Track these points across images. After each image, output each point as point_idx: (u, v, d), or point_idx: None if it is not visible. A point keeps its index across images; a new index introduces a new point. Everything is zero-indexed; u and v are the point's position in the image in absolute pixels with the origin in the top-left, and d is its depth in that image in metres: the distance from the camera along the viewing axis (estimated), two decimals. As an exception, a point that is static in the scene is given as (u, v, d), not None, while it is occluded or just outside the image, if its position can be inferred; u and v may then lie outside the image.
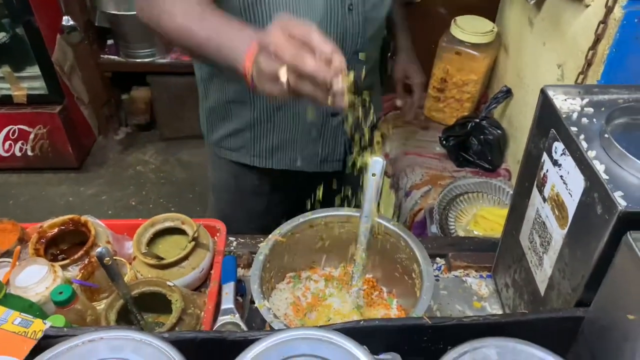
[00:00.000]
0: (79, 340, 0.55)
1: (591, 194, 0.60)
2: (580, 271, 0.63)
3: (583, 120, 0.67)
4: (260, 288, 0.77)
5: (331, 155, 1.16)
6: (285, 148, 1.14)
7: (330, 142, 1.14)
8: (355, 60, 1.03)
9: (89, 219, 0.93)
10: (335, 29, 0.97)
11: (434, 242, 1.07)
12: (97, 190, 2.85)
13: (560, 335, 0.62)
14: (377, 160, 0.81)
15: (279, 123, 1.10)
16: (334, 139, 1.14)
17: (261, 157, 1.17)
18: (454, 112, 1.65)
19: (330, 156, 1.17)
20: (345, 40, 1.00)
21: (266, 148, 1.15)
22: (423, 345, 0.62)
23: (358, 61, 1.04)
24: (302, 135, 1.11)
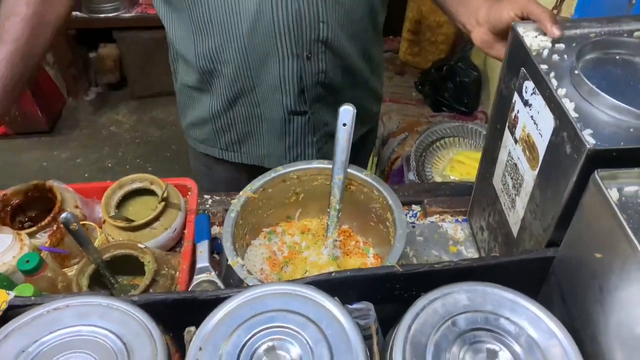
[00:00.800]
0: (43, 309, 0.54)
1: (561, 134, 0.59)
2: (550, 212, 0.63)
3: (554, 57, 0.65)
4: (233, 245, 0.76)
5: (301, 156, 1.10)
6: (250, 143, 1.09)
7: (299, 142, 1.08)
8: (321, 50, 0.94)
9: (54, 184, 0.90)
10: (285, 10, 0.87)
11: (410, 189, 1.06)
12: (71, 153, 2.79)
13: (531, 277, 0.63)
14: (347, 109, 0.78)
15: (239, 115, 1.04)
16: (302, 139, 1.07)
17: (229, 151, 1.12)
18: (429, 56, 1.63)
19: (300, 157, 1.10)
20: (300, 24, 0.89)
21: (231, 141, 1.10)
22: (396, 292, 0.62)
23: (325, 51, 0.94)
24: (267, 131, 1.05)
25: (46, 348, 0.51)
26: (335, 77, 1.00)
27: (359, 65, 1.05)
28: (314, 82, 0.98)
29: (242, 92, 0.99)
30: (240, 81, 0.97)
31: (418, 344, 0.50)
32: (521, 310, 0.53)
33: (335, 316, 0.53)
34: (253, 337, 0.51)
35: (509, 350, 0.50)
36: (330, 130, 1.08)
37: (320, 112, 1.04)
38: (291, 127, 1.04)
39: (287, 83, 0.96)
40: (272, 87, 0.97)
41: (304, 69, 0.94)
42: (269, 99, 0.99)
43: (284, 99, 0.98)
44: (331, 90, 1.02)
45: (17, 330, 0.52)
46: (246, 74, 0.95)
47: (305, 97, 0.99)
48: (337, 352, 0.50)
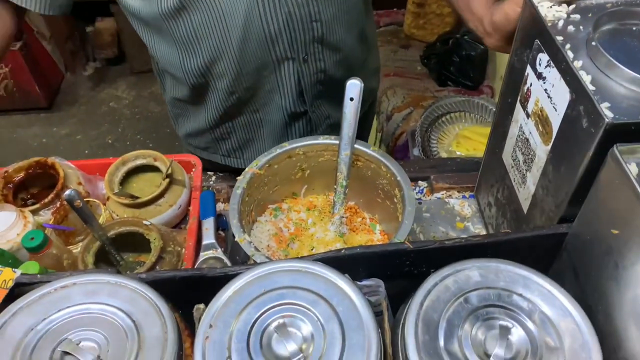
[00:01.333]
0: (51, 287, 0.53)
1: (577, 107, 0.58)
2: (564, 188, 0.62)
3: (569, 28, 0.63)
4: (239, 222, 0.75)
5: None
6: (252, 147, 1.05)
7: None
8: (318, 50, 0.90)
9: (56, 161, 0.89)
10: (275, 15, 0.82)
11: (416, 165, 1.05)
12: (71, 129, 2.77)
13: (542, 253, 0.62)
14: (354, 83, 0.76)
15: (238, 123, 1.00)
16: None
17: (231, 157, 1.08)
18: (435, 29, 1.59)
19: None
20: (292, 27, 0.85)
21: (232, 148, 1.06)
22: (405, 269, 0.62)
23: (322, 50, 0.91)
24: (267, 136, 1.02)
25: (55, 326, 0.50)
26: (335, 72, 0.96)
27: (356, 51, 1.00)
28: (312, 82, 0.94)
29: (239, 102, 0.95)
30: (237, 93, 0.93)
31: (430, 321, 0.50)
32: (534, 287, 0.52)
33: (346, 293, 0.52)
34: (263, 315, 0.51)
35: (521, 327, 0.49)
36: (332, 122, 1.05)
37: (321, 108, 1.01)
38: (292, 129, 1.01)
39: (285, 87, 0.92)
40: (270, 91, 0.93)
41: (301, 72, 0.91)
42: (268, 104, 0.96)
43: (282, 102, 0.95)
44: (331, 86, 0.98)
45: (25, 308, 0.51)
46: (242, 85, 0.91)
47: (304, 98, 0.96)
48: (349, 329, 0.49)
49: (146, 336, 0.49)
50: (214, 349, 0.48)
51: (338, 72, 0.96)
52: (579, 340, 0.48)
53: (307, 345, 0.49)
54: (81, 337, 0.50)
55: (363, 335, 0.49)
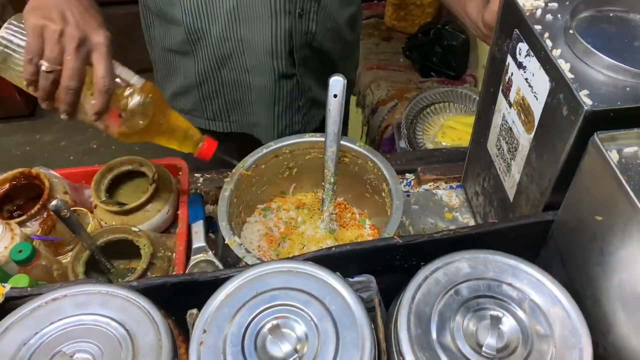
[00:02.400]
0: (42, 300, 0.53)
1: (556, 95, 0.58)
2: (547, 175, 0.63)
3: (547, 17, 0.64)
4: (229, 224, 0.75)
5: (289, 126, 1.07)
6: (239, 110, 1.05)
7: (287, 109, 1.04)
8: (314, 9, 0.93)
9: (41, 171, 0.88)
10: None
11: (403, 157, 1.06)
12: (54, 136, 2.74)
13: (530, 241, 0.63)
14: (337, 79, 0.76)
15: (227, 81, 1.00)
16: (290, 104, 1.04)
17: (217, 120, 1.07)
18: (416, 20, 1.59)
19: (289, 127, 1.07)
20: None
21: (219, 109, 1.05)
22: (396, 264, 0.62)
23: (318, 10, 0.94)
24: (256, 100, 1.02)
25: (48, 339, 0.50)
26: (324, 40, 0.98)
27: (346, 33, 1.03)
28: (302, 42, 0.95)
29: (231, 54, 0.95)
30: (229, 41, 0.93)
31: (422, 315, 0.50)
32: (523, 276, 0.53)
33: (338, 291, 0.53)
34: (257, 317, 0.51)
35: (512, 316, 0.50)
36: (313, 96, 1.07)
37: (305, 76, 1.02)
38: (281, 93, 1.01)
39: (278, 42, 0.93)
40: (262, 49, 0.94)
41: (294, 27, 0.92)
42: (258, 65, 0.96)
43: (274, 61, 0.95)
44: (317, 56, 1.00)
45: (17, 323, 0.51)
46: (236, 33, 0.92)
47: (294, 58, 0.97)
48: (342, 327, 0.50)
49: (140, 345, 0.49)
50: (209, 353, 0.48)
51: (326, 42, 0.99)
52: (568, 327, 0.49)
53: (302, 345, 0.49)
54: (75, 349, 0.49)
55: (356, 333, 0.49)
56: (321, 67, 1.04)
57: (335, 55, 1.05)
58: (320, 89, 1.07)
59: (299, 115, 1.07)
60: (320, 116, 1.12)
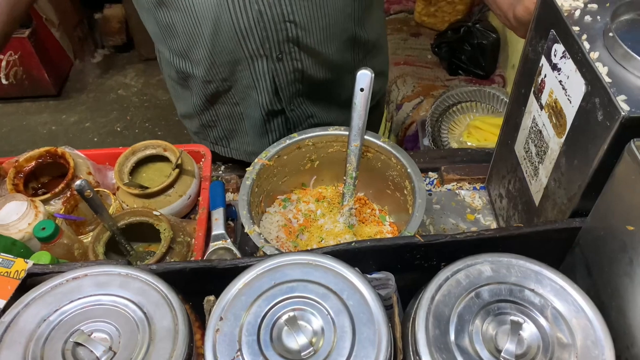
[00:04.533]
0: (63, 278, 0.54)
1: (592, 100, 0.56)
2: (577, 181, 0.61)
3: (586, 18, 0.62)
4: (249, 213, 0.75)
5: None
6: (237, 139, 1.05)
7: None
8: (294, 50, 0.87)
9: (66, 150, 0.89)
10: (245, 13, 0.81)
11: (426, 155, 1.04)
12: (79, 117, 2.78)
13: (554, 247, 0.61)
14: (365, 73, 0.75)
15: (221, 113, 1.01)
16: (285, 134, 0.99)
17: (218, 145, 1.09)
18: (446, 17, 1.57)
19: None
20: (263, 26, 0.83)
21: (219, 136, 1.06)
22: (416, 262, 0.62)
23: (299, 51, 0.88)
24: (249, 129, 1.01)
25: (67, 317, 0.51)
26: (316, 73, 0.93)
27: (343, 58, 0.96)
28: (288, 81, 0.92)
29: (218, 92, 0.96)
30: (214, 82, 0.93)
31: (441, 316, 0.50)
32: (546, 282, 0.52)
33: (357, 287, 0.52)
34: (274, 308, 0.51)
35: (533, 323, 0.49)
36: (317, 122, 1.03)
37: (302, 107, 0.99)
38: (271, 125, 1.00)
39: (260, 83, 0.91)
40: (247, 87, 0.93)
41: (275, 70, 0.89)
42: (246, 99, 0.96)
43: (259, 99, 0.94)
44: (313, 86, 0.96)
45: (38, 299, 0.52)
46: (218, 75, 0.91)
47: (280, 96, 0.94)
48: (359, 323, 0.49)
49: (157, 328, 0.50)
50: (225, 341, 0.48)
51: (319, 73, 0.94)
52: (591, 337, 0.48)
53: (318, 339, 0.49)
54: (93, 328, 0.50)
55: (373, 330, 0.49)
56: (322, 94, 0.99)
57: (337, 79, 0.98)
58: (325, 112, 1.03)
59: None
60: None
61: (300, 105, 0.98)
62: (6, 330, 0.49)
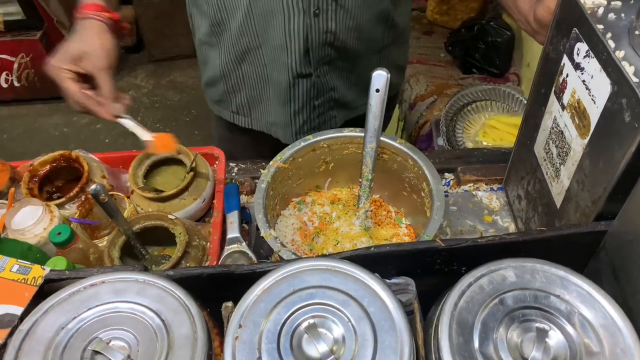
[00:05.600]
0: (80, 285, 0.53)
1: (618, 100, 0.55)
2: (602, 183, 0.59)
3: (610, 16, 0.60)
4: (265, 217, 0.74)
5: (307, 123, 1.05)
6: (259, 107, 1.06)
7: (304, 108, 1.02)
8: (332, 7, 0.89)
9: (80, 154, 0.89)
10: None
11: (441, 155, 1.03)
12: (91, 118, 2.76)
13: (578, 251, 0.60)
14: (380, 74, 0.74)
15: (247, 75, 1.01)
16: (307, 103, 1.02)
17: (240, 114, 1.10)
18: (459, 14, 1.55)
19: (307, 124, 1.05)
20: None
21: (242, 104, 1.07)
22: (436, 267, 0.60)
23: (335, 8, 0.90)
24: (273, 96, 1.02)
25: (85, 324, 0.50)
26: (347, 39, 0.95)
27: (376, 30, 0.98)
28: (320, 42, 0.93)
29: (249, 49, 0.96)
30: (247, 36, 0.94)
31: (465, 323, 0.48)
32: (572, 288, 0.50)
33: (377, 293, 0.51)
34: (293, 315, 0.50)
35: (559, 330, 0.48)
36: (337, 97, 1.04)
37: (327, 75, 1.00)
38: (296, 91, 1.00)
39: (292, 41, 0.92)
40: (277, 46, 0.93)
41: (310, 27, 0.90)
42: (275, 60, 0.96)
43: (289, 59, 0.94)
44: (342, 54, 0.97)
45: (56, 307, 0.51)
46: (252, 28, 0.93)
47: (310, 57, 0.95)
48: (381, 331, 0.48)
49: (175, 336, 0.49)
50: (244, 349, 0.48)
51: (350, 40, 0.95)
52: (620, 344, 0.46)
53: (338, 347, 0.48)
54: (111, 336, 0.49)
55: (395, 337, 0.48)
56: (347, 66, 1.01)
57: (363, 54, 1.01)
58: (346, 89, 1.04)
59: (314, 114, 1.05)
60: (341, 117, 1.09)
61: (326, 74, 0.99)
62: (25, 338, 0.49)
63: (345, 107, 1.08)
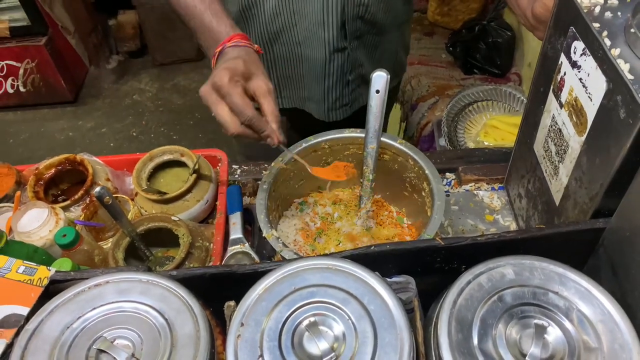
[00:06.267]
0: (85, 285, 0.54)
1: (614, 97, 0.55)
2: (598, 180, 0.60)
3: (606, 14, 0.61)
4: (267, 218, 0.75)
5: (339, 99, 1.07)
6: (291, 85, 1.07)
7: (338, 83, 1.04)
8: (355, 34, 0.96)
9: (85, 157, 0.90)
10: None
11: (443, 156, 1.04)
12: (96, 122, 2.81)
13: (577, 248, 0.60)
14: (380, 74, 0.75)
15: (278, 56, 1.02)
16: (341, 78, 1.04)
17: None
18: (459, 15, 1.55)
19: (339, 100, 1.07)
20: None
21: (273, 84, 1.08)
22: (436, 265, 0.61)
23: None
24: (307, 73, 1.03)
25: (90, 324, 0.51)
26: (377, 12, 0.99)
27: (398, 4, 1.04)
28: (354, 14, 0.96)
29: (283, 28, 0.98)
30: (282, 15, 0.95)
31: (464, 320, 0.49)
32: (570, 285, 0.51)
33: (377, 291, 0.52)
34: (294, 313, 0.50)
35: (558, 326, 0.48)
36: (364, 73, 1.07)
37: (357, 50, 1.03)
38: (331, 66, 1.02)
39: (330, 15, 0.94)
40: (315, 22, 0.95)
41: (346, 0, 0.93)
42: (311, 37, 0.97)
43: (326, 34, 0.96)
44: (370, 28, 1.01)
45: (61, 307, 0.52)
46: (289, 6, 0.94)
47: (345, 31, 0.97)
48: (381, 328, 0.49)
49: (179, 334, 0.50)
50: (246, 347, 0.48)
51: (379, 14, 0.99)
52: (618, 340, 0.47)
53: (339, 345, 0.48)
54: (116, 335, 0.50)
55: (395, 335, 0.48)
56: (373, 41, 1.05)
57: (388, 29, 1.05)
58: (371, 66, 1.07)
59: (347, 90, 1.07)
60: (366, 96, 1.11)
61: (356, 49, 1.02)
62: (31, 337, 0.50)
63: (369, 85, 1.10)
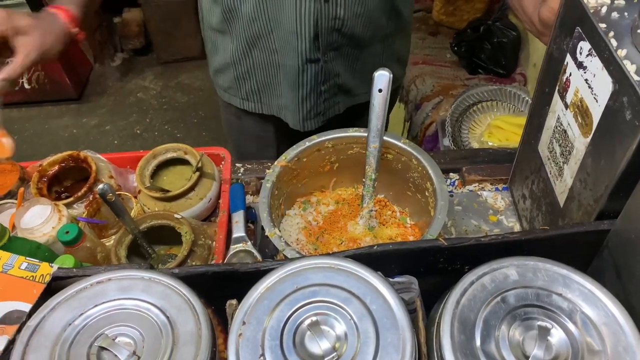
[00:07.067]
0: (87, 282, 0.54)
1: (619, 98, 0.55)
2: (603, 181, 0.59)
3: (613, 15, 0.60)
4: (269, 216, 0.75)
5: (314, 109, 1.07)
6: (269, 92, 1.08)
7: (312, 93, 1.04)
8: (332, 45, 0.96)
9: (88, 154, 0.90)
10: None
11: (447, 156, 1.03)
12: (100, 120, 2.82)
13: (581, 250, 0.60)
14: (383, 74, 0.75)
15: (257, 61, 1.04)
16: (315, 88, 1.04)
17: (250, 100, 1.12)
18: (464, 15, 1.55)
19: (314, 110, 1.07)
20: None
21: (252, 90, 1.09)
22: (439, 266, 0.61)
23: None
24: (283, 80, 1.04)
25: (92, 321, 0.51)
26: (354, 26, 0.98)
27: (382, 19, 1.02)
28: (329, 27, 0.95)
29: (260, 34, 0.98)
30: (258, 21, 0.96)
31: (466, 321, 0.49)
32: (574, 287, 0.50)
33: (380, 291, 0.51)
34: (296, 312, 0.50)
35: (561, 328, 0.48)
36: (341, 83, 1.07)
37: (334, 61, 1.02)
38: (304, 76, 1.02)
39: (303, 26, 0.94)
40: (288, 31, 0.95)
41: (320, 12, 0.92)
42: (285, 47, 0.98)
43: (299, 44, 0.96)
44: (348, 41, 1.00)
45: (63, 303, 0.52)
46: (264, 13, 0.94)
47: (319, 43, 0.97)
48: (383, 328, 0.49)
49: (180, 332, 0.50)
50: (248, 346, 0.48)
51: (356, 27, 0.98)
52: (622, 343, 0.46)
53: (341, 344, 0.48)
54: (117, 332, 0.50)
55: (397, 335, 0.48)
56: (353, 53, 1.04)
57: (368, 42, 1.04)
58: (350, 75, 1.07)
59: (320, 99, 1.08)
60: (345, 103, 1.12)
61: (332, 60, 1.02)
62: (32, 334, 0.50)
63: (348, 94, 1.10)
